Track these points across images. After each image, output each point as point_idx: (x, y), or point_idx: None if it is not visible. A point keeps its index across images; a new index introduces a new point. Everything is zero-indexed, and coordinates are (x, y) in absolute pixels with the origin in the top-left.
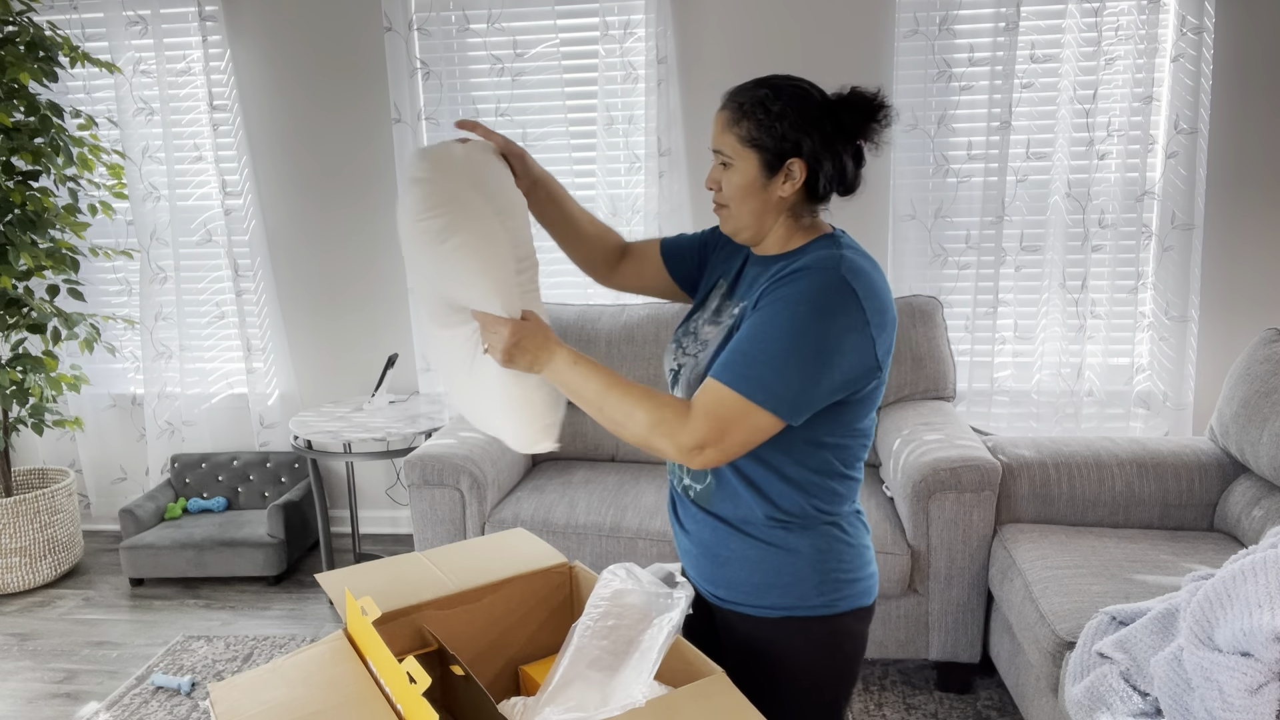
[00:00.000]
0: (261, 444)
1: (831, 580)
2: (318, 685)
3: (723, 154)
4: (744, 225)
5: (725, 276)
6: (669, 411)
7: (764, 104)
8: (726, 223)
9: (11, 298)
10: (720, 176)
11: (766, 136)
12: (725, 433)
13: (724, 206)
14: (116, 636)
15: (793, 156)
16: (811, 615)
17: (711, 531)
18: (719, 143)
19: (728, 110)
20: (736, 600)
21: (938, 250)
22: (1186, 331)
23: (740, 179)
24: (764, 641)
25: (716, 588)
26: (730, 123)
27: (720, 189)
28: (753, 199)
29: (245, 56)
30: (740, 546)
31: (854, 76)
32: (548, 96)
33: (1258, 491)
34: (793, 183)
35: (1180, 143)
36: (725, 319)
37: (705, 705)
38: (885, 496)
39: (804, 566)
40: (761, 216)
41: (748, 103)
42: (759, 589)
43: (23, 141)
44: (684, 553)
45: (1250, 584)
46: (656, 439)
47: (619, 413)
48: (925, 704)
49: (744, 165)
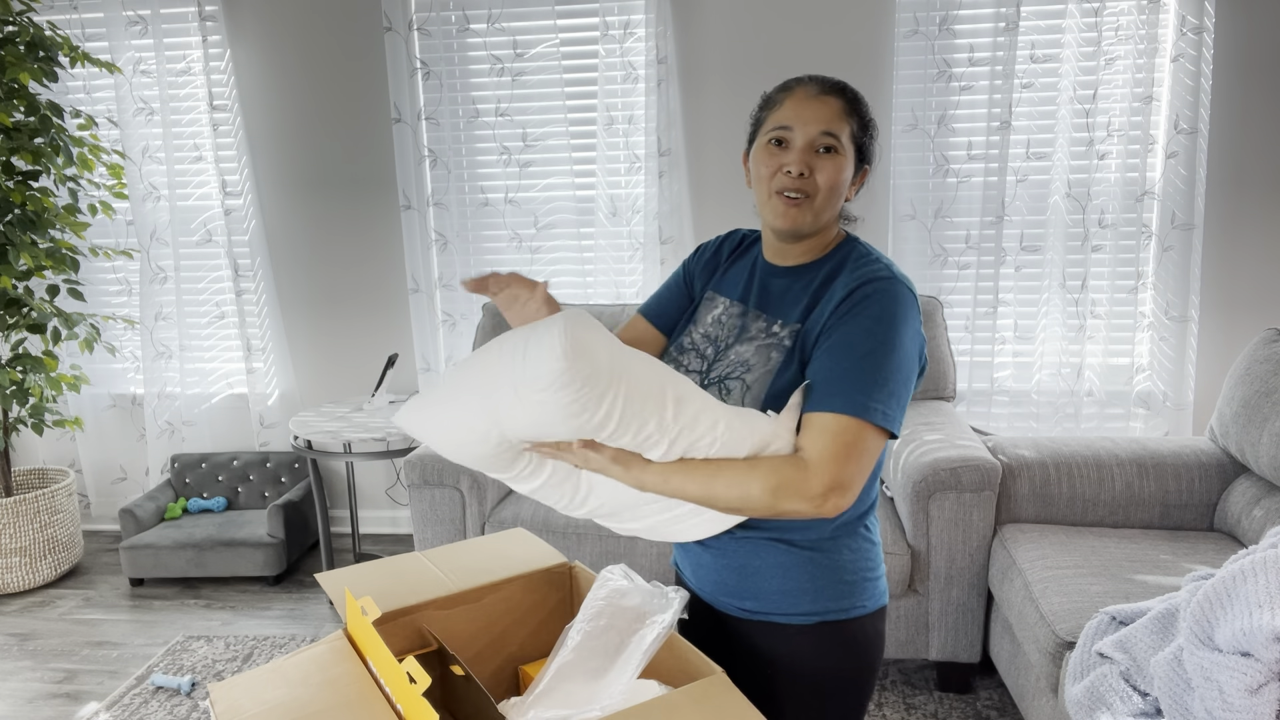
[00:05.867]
0: (261, 444)
1: (861, 580)
2: (317, 685)
3: (838, 140)
4: (822, 219)
5: (718, 288)
6: (786, 470)
7: (863, 106)
8: (802, 215)
9: (11, 298)
10: (815, 163)
11: (868, 139)
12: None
13: (807, 197)
14: (116, 636)
15: (866, 164)
16: (845, 619)
17: (741, 545)
18: (834, 127)
19: (838, 99)
20: (768, 610)
21: (938, 250)
22: (1186, 331)
23: (843, 171)
24: (796, 650)
25: (744, 600)
26: (846, 113)
27: (809, 175)
28: (840, 195)
29: (245, 56)
30: (774, 554)
31: (854, 76)
32: (548, 96)
33: (1258, 491)
34: (857, 188)
35: (1180, 143)
36: (763, 338)
37: (705, 705)
38: (885, 496)
39: (838, 569)
40: (835, 214)
41: (855, 98)
42: (791, 595)
43: (23, 141)
44: (700, 568)
45: (1250, 584)
46: (784, 503)
47: (734, 495)
48: (925, 704)
49: (848, 159)
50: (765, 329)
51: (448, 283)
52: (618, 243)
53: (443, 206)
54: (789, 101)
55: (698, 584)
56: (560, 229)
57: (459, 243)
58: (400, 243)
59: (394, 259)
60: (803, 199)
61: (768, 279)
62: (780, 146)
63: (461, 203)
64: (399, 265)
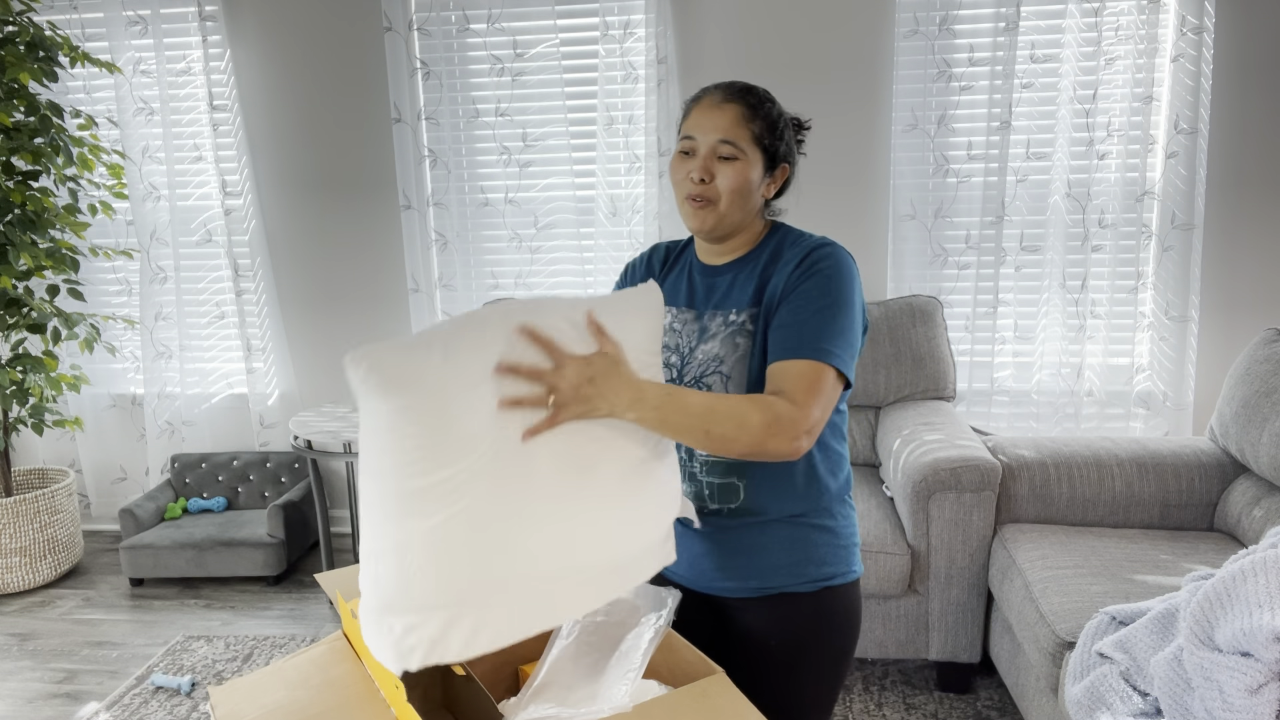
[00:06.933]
0: (261, 444)
1: (851, 545)
2: (317, 687)
3: (736, 146)
4: (728, 220)
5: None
6: (781, 407)
7: (769, 107)
8: (707, 218)
9: (11, 298)
10: (715, 168)
11: (776, 140)
12: (820, 408)
13: (709, 202)
14: (116, 636)
15: (784, 163)
16: (843, 583)
17: (745, 529)
18: (732, 134)
19: (739, 105)
20: (775, 584)
21: (938, 250)
22: (1186, 331)
23: (746, 174)
24: (801, 618)
25: (749, 579)
26: (745, 118)
27: (711, 180)
28: (748, 197)
29: (245, 56)
30: (780, 530)
31: (854, 76)
32: (548, 96)
33: (1258, 491)
34: (774, 186)
35: (1180, 143)
36: (725, 330)
37: (705, 705)
38: (885, 496)
39: (836, 534)
40: (747, 214)
41: (757, 103)
42: (799, 565)
43: (23, 141)
44: (697, 557)
45: (1250, 584)
46: (772, 441)
47: (729, 426)
48: (925, 704)
49: (752, 162)
50: (724, 321)
51: (447, 283)
52: (618, 243)
53: (443, 206)
54: (695, 112)
55: (692, 575)
56: (560, 229)
57: (459, 243)
58: (400, 243)
59: (394, 259)
60: (707, 203)
61: (710, 279)
62: (687, 155)
63: (461, 203)
64: (399, 265)
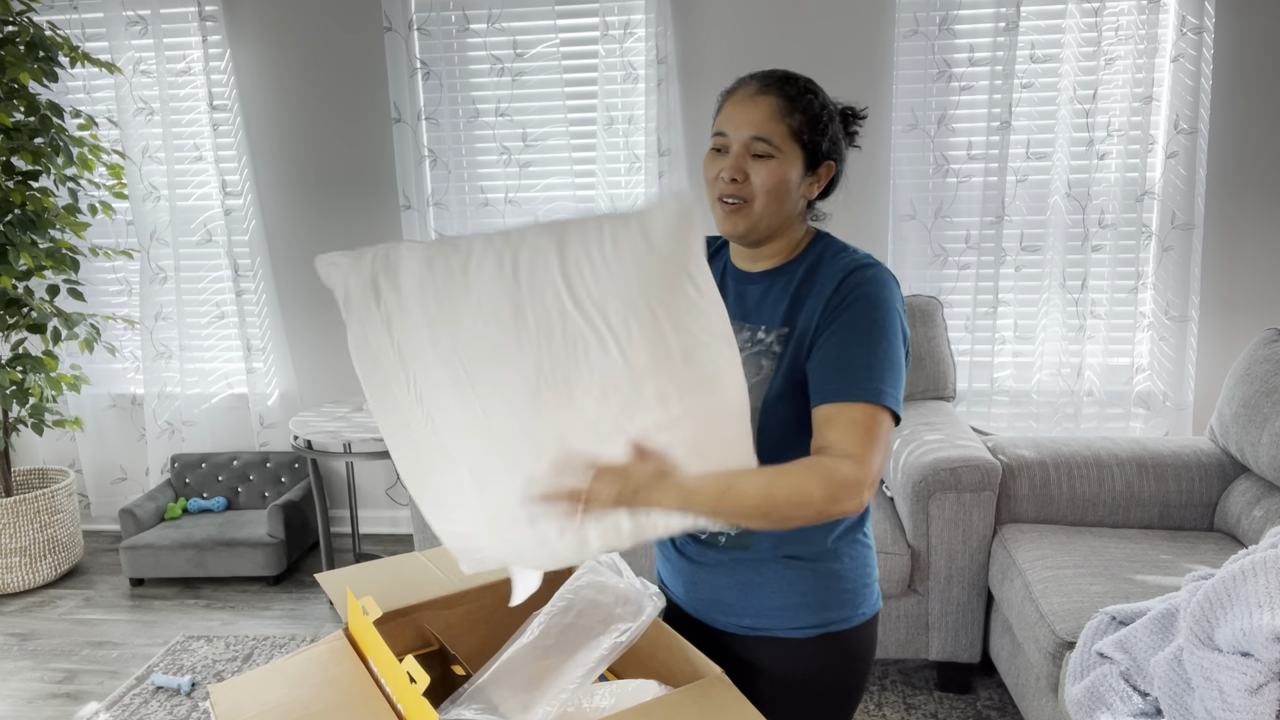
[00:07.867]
0: (261, 444)
1: (859, 588)
2: (317, 685)
3: (770, 143)
4: (764, 225)
5: None
6: (843, 471)
7: (810, 99)
8: (739, 221)
9: (11, 298)
10: (749, 167)
11: (818, 135)
12: (881, 455)
13: (744, 202)
14: (116, 636)
15: (829, 159)
16: (845, 629)
17: (742, 563)
18: (765, 130)
19: (775, 97)
20: (768, 626)
21: (938, 250)
22: (1186, 331)
23: (782, 174)
24: (794, 664)
25: (743, 617)
26: (782, 112)
27: (745, 180)
28: (785, 199)
29: (245, 56)
30: (776, 569)
31: (854, 76)
32: (548, 96)
33: (1258, 491)
34: (818, 186)
35: (1180, 143)
36: (750, 348)
37: (705, 705)
38: (885, 496)
39: (839, 578)
40: (785, 218)
41: (796, 94)
42: (793, 609)
43: (23, 141)
44: (694, 585)
45: (1250, 584)
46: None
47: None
48: (925, 704)
49: (790, 160)
50: (750, 338)
51: None
52: None
53: (443, 206)
54: (728, 105)
55: (690, 601)
56: None
57: None
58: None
59: None
60: (740, 204)
61: (742, 287)
62: (720, 152)
63: (461, 203)
64: None
